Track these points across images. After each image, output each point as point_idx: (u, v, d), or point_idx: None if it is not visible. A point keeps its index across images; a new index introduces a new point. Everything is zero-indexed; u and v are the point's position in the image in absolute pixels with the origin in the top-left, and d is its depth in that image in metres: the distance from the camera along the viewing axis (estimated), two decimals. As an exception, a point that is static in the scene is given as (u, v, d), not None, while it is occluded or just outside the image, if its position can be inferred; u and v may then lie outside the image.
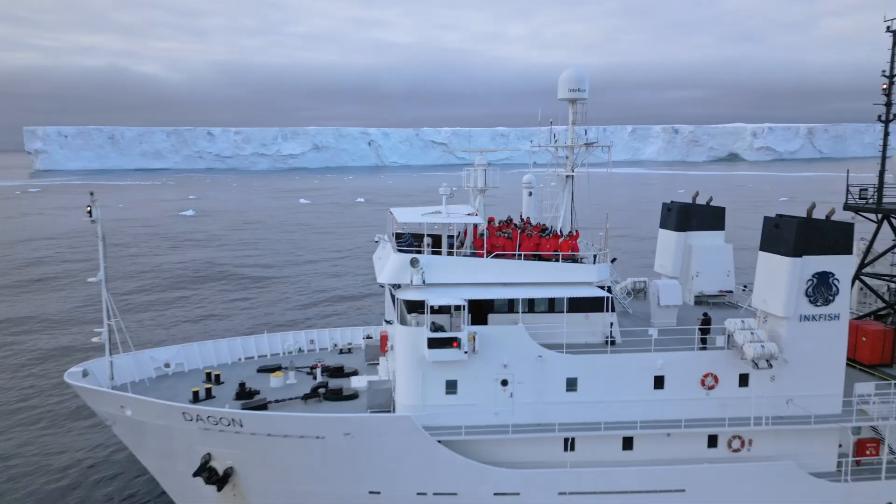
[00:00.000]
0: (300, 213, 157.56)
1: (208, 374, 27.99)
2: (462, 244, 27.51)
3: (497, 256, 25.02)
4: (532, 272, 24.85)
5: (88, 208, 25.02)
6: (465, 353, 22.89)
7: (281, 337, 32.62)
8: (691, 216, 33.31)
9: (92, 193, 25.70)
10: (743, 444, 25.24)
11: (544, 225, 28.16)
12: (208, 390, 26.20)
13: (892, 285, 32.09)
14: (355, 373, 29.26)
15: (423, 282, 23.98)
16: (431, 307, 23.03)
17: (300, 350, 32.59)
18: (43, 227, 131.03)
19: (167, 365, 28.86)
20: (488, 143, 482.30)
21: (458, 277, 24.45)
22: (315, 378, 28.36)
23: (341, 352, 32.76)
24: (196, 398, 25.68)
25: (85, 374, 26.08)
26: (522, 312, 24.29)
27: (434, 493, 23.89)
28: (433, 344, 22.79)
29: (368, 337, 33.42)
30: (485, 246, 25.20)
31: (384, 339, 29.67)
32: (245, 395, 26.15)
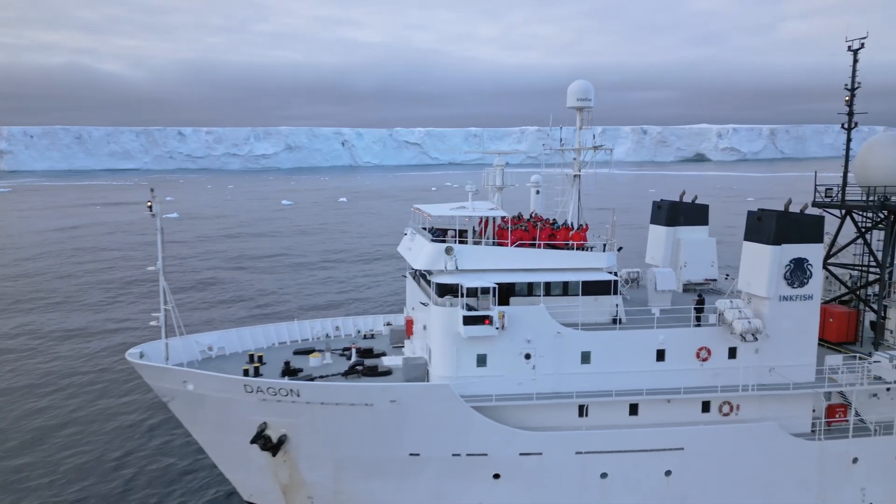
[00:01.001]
0: (286, 214, 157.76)
1: (251, 356, 30.59)
2: (482, 235, 30.62)
3: (519, 246, 28.29)
4: (550, 259, 28.17)
5: (149, 203, 27.52)
6: (497, 329, 26.09)
7: (310, 324, 35.34)
8: (679, 213, 37.05)
9: (153, 190, 28.24)
10: (732, 408, 28.95)
11: (554, 220, 31.49)
12: (256, 369, 28.84)
13: (854, 273, 36.33)
14: (383, 354, 32.19)
15: (457, 268, 27.13)
16: (466, 289, 26.17)
17: (327, 335, 35.37)
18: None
19: (210, 348, 31.36)
20: (461, 143, 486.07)
21: (486, 264, 27.63)
22: (349, 358, 31.20)
23: (365, 337, 35.60)
24: (247, 375, 28.30)
25: (141, 355, 28.50)
26: (542, 295, 27.60)
27: (467, 454, 27.03)
28: (468, 321, 25.92)
29: (388, 324, 36.38)
30: (509, 236, 28.44)
31: (409, 323, 32.70)
32: (290, 373, 28.89)
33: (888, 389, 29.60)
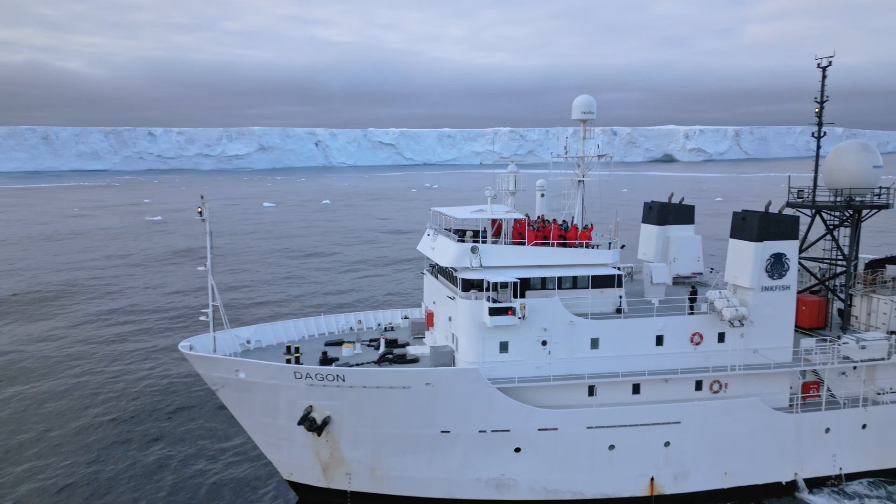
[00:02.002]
0: (272, 217, 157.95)
1: (288, 347, 33.29)
2: (496, 235, 33.83)
3: (535, 245, 31.60)
4: (562, 256, 31.54)
5: (199, 210, 30.07)
6: (519, 319, 29.34)
7: (335, 318, 38.12)
8: (668, 213, 40.78)
9: (202, 196, 30.76)
10: (721, 386, 32.74)
11: (564, 220, 34.86)
12: (297, 358, 31.58)
13: (823, 266, 40.62)
14: (406, 344, 35.20)
15: (481, 265, 30.33)
16: (491, 284, 29.36)
17: (351, 329, 38.20)
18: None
19: (248, 342, 33.96)
20: (435, 144, 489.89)
21: (507, 261, 30.86)
22: (377, 348, 34.13)
23: (385, 329, 38.52)
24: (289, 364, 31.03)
25: (191, 347, 31.00)
26: (554, 288, 30.95)
27: (492, 430, 30.20)
28: (494, 312, 29.10)
29: (405, 317, 39.40)
30: (526, 236, 31.74)
31: (430, 315, 35.77)
32: (327, 362, 31.71)
33: (855, 368, 33.77)
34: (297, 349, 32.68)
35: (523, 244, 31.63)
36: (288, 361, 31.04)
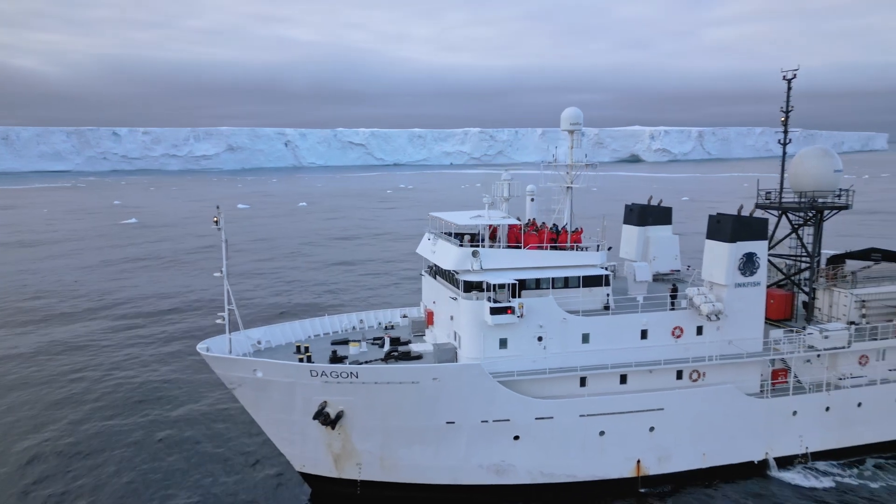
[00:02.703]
0: (249, 219, 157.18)
1: (298, 347, 35.08)
2: (492, 239, 36.12)
3: (530, 248, 34.00)
4: (556, 258, 34.05)
5: (216, 219, 31.67)
6: (518, 317, 31.73)
7: (338, 318, 39.99)
8: (648, 214, 43.70)
9: (218, 207, 32.37)
10: (699, 375, 35.67)
11: (555, 224, 37.39)
12: (308, 357, 33.40)
13: (789, 262, 44.08)
14: (408, 342, 37.29)
15: (481, 267, 32.63)
16: (493, 285, 31.68)
17: (353, 328, 40.11)
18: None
19: (259, 342, 35.62)
20: (406, 144, 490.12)
21: (505, 263, 33.20)
22: (382, 346, 36.14)
23: (386, 328, 40.52)
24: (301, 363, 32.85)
25: (207, 349, 32.56)
26: (547, 288, 33.42)
27: (493, 420, 32.54)
28: (495, 311, 31.42)
29: (404, 315, 41.48)
30: (522, 239, 34.16)
31: (430, 314, 37.94)
32: (337, 360, 33.60)
33: (818, 356, 37.14)
34: (306, 349, 34.49)
35: (519, 247, 34.04)
36: (300, 360, 32.84)
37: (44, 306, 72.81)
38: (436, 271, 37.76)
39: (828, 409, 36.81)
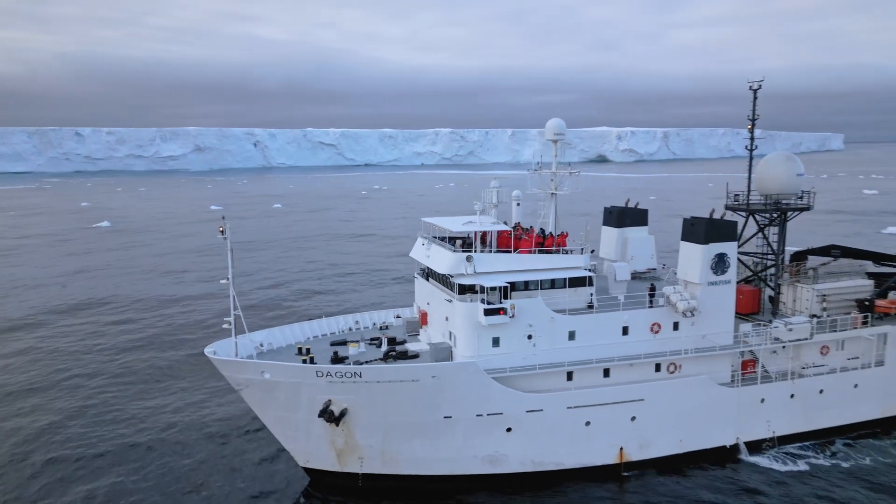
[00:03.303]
0: (224, 221, 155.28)
1: (300, 349, 36.60)
2: (483, 244, 38.14)
3: (520, 252, 36.14)
4: (544, 262, 36.26)
5: (221, 229, 33.01)
6: (510, 317, 33.84)
7: (335, 320, 41.57)
8: (625, 216, 46.30)
9: (224, 217, 33.70)
10: (676, 367, 38.32)
11: (542, 229, 39.62)
12: (311, 358, 34.94)
13: (756, 259, 47.21)
14: (404, 342, 39.07)
15: (475, 272, 34.65)
16: (486, 288, 33.71)
17: (350, 329, 41.73)
18: None
19: (261, 345, 37.00)
20: (377, 144, 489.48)
21: (497, 267, 35.27)
22: (379, 346, 37.86)
23: (381, 329, 42.24)
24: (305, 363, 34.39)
25: (214, 352, 33.88)
26: (535, 289, 35.60)
27: (487, 414, 34.61)
28: (488, 312, 33.48)
29: (398, 316, 43.26)
30: (512, 244, 36.29)
31: (424, 315, 39.84)
32: (339, 360, 35.21)
33: (784, 347, 40.20)
34: (307, 350, 36.06)
35: (510, 252, 36.18)
36: (304, 362, 34.39)
37: (33, 314, 72.38)
38: (429, 274, 39.64)
39: (792, 396, 39.87)
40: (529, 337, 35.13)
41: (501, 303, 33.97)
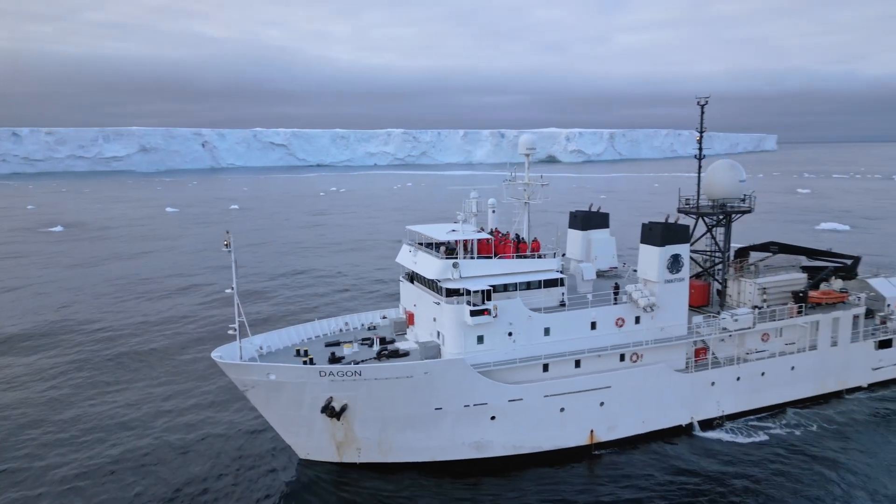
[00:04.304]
0: (183, 224, 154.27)
1: (298, 351, 39.25)
2: (465, 250, 41.55)
3: (500, 258, 39.81)
4: (521, 266, 39.98)
5: (226, 242, 35.36)
6: (493, 317, 37.46)
7: (326, 322, 44.27)
8: (590, 220, 50.60)
9: (227, 231, 36.06)
10: (638, 357, 42.76)
11: (517, 234, 43.38)
12: (310, 359, 37.65)
13: (705, 257, 52.40)
14: (393, 341, 42.17)
15: (460, 276, 38.13)
16: (472, 291, 37.21)
17: (340, 330, 44.52)
18: None
19: (261, 348, 39.43)
20: (329, 145, 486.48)
21: (480, 272, 38.79)
22: (371, 346, 40.84)
23: (369, 329, 45.20)
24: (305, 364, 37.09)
25: (220, 356, 36.21)
26: (514, 291, 39.32)
27: (473, 405, 38.15)
28: (474, 313, 37.01)
29: (384, 317, 46.33)
30: (493, 250, 39.90)
31: (410, 316, 43.06)
32: (336, 360, 38.06)
33: (731, 335, 45.31)
34: (306, 352, 38.77)
35: (490, 258, 39.76)
36: (304, 363, 37.11)
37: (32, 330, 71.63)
38: (414, 277, 42.87)
39: (738, 378, 45.01)
40: (510, 334, 38.81)
41: (485, 304, 37.56)
